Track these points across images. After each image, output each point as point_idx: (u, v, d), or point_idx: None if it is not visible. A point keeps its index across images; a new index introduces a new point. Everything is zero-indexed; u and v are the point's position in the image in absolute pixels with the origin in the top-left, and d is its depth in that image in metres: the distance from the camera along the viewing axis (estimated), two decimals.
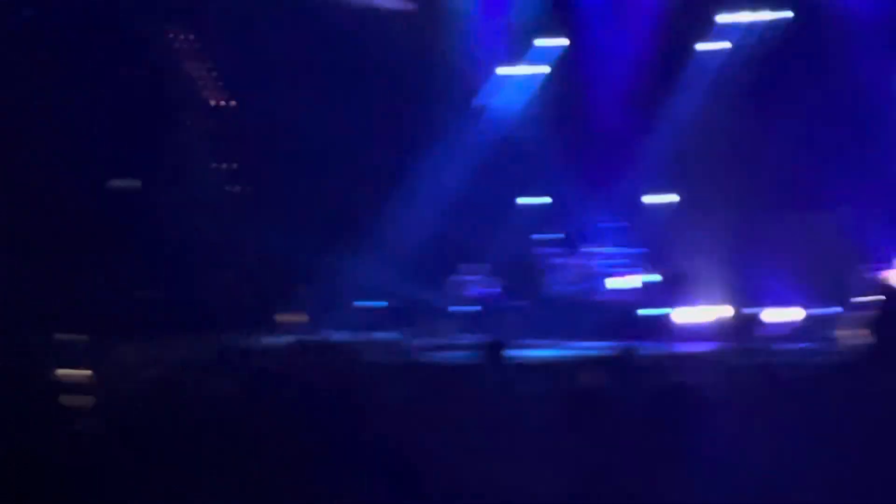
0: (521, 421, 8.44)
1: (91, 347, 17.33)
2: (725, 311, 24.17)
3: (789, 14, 25.16)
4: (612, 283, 24.47)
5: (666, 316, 23.16)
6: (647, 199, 26.62)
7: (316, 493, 5.80)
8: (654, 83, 25.73)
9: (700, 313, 23.47)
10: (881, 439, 4.45)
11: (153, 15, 24.09)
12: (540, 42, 27.08)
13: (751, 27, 25.61)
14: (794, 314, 23.16)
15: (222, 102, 25.81)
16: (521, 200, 27.30)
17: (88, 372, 13.50)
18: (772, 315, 23.46)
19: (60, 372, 13.56)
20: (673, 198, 26.42)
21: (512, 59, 27.34)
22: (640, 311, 23.98)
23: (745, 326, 22.90)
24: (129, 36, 23.83)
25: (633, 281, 24.86)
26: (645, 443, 4.00)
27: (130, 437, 8.64)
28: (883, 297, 4.71)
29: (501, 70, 27.32)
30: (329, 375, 12.31)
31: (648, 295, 24.45)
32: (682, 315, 23.05)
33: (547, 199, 26.61)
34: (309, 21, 24.00)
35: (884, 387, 4.58)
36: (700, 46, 25.98)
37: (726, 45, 25.53)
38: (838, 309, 22.62)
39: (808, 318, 23.12)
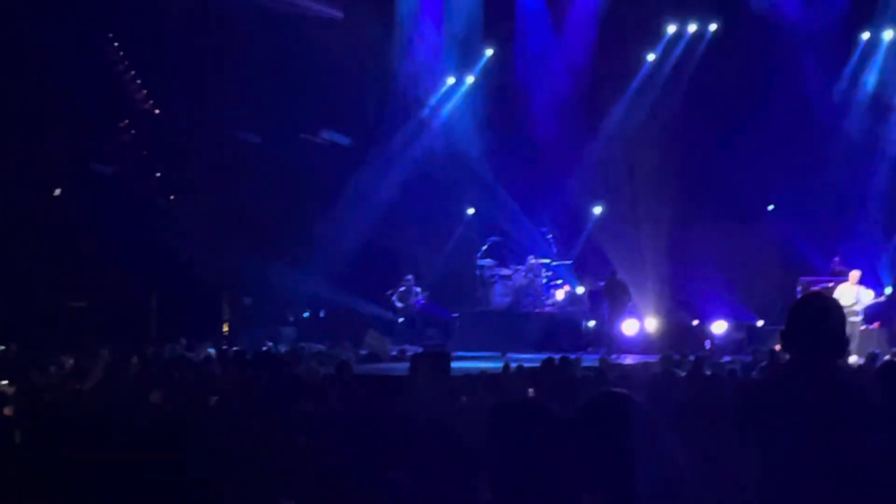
0: (456, 432, 8.32)
1: (18, 357, 17.01)
2: (664, 322, 24.24)
3: (720, 25, 25.32)
4: (551, 294, 24.46)
5: (604, 327, 23.18)
6: (585, 209, 26.61)
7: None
8: (591, 93, 25.78)
9: (638, 324, 23.52)
10: (805, 450, 4.43)
11: (79, 23, 23.74)
12: (474, 51, 27.05)
13: (688, 38, 25.77)
14: (730, 326, 23.27)
15: (152, 111, 25.51)
16: (458, 211, 27.21)
17: (12, 381, 13.26)
18: (710, 326, 23.56)
19: None
20: (606, 209, 26.49)
21: (448, 69, 27.29)
22: (579, 322, 24.01)
23: (683, 337, 22.98)
24: (54, 44, 23.52)
25: (572, 292, 24.87)
26: (580, 454, 3.88)
27: (55, 447, 8.44)
28: (802, 310, 4.67)
29: (439, 79, 27.28)
30: (260, 386, 12.15)
31: (587, 306, 24.49)
32: (621, 326, 23.09)
33: (484, 211, 26.52)
34: (243, 29, 23.76)
35: (804, 400, 4.55)
36: (640, 56, 26.05)
37: (665, 55, 25.59)
38: (765, 321, 22.90)
39: (745, 329, 23.26)
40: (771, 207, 25.63)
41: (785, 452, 4.47)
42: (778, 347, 19.29)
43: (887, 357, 15.99)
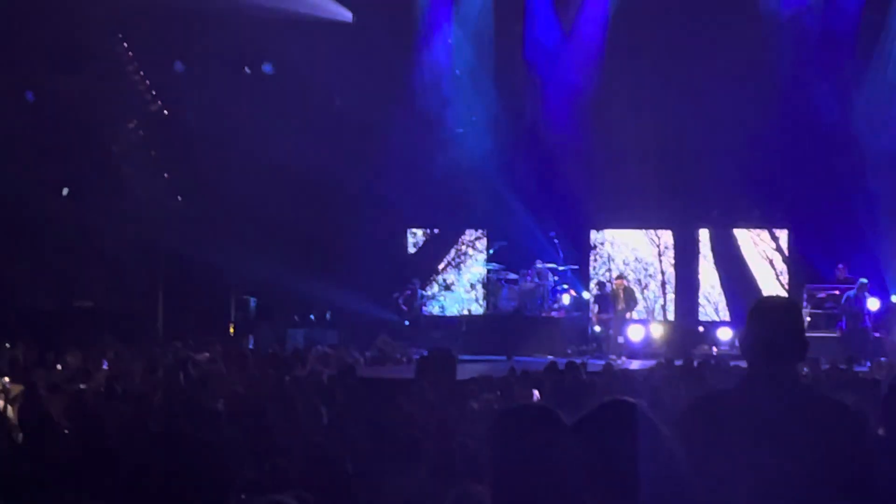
0: (463, 434, 8.30)
1: (25, 356, 17.02)
2: (669, 328, 24.23)
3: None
4: (557, 298, 24.43)
5: (610, 332, 23.16)
6: (593, 213, 26.58)
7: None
8: (600, 97, 25.78)
9: (644, 330, 23.50)
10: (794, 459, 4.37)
11: (93, 25, 23.77)
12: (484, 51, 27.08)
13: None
14: (736, 332, 23.25)
15: (161, 111, 25.51)
16: (466, 214, 27.20)
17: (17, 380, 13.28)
18: (716, 332, 23.55)
19: None
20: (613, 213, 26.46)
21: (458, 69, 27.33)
22: (585, 327, 23.99)
23: (688, 342, 22.97)
24: (66, 46, 23.52)
25: (579, 297, 24.85)
26: (586, 461, 3.86)
27: (60, 447, 8.44)
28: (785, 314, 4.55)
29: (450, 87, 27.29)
30: (267, 385, 12.16)
31: (593, 311, 24.45)
32: (627, 331, 23.07)
33: (494, 216, 26.49)
34: (255, 34, 23.78)
35: (760, 406, 4.49)
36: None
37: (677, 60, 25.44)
38: None
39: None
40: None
41: (743, 462, 4.38)
42: None
43: (827, 366, 15.84)
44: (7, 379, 13.79)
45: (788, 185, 24.59)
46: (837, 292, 22.30)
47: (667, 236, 26.17)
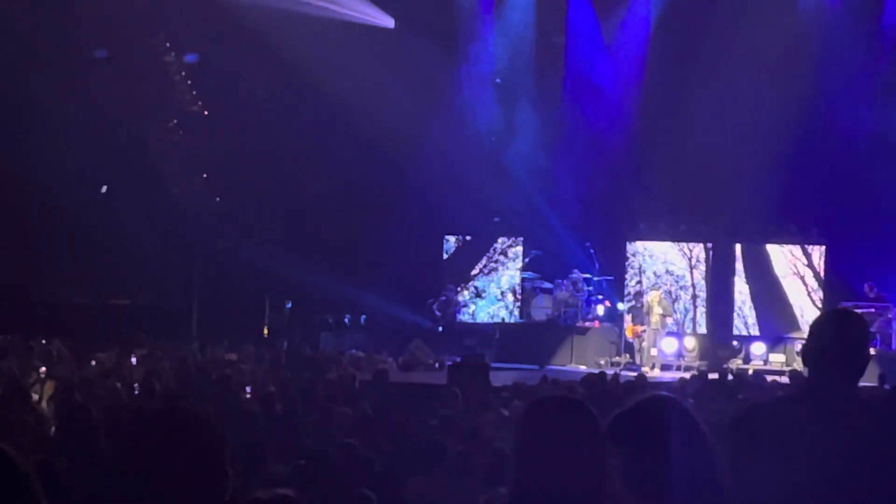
0: (492, 439, 8.29)
1: (60, 351, 17.13)
2: (702, 341, 24.11)
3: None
4: (592, 308, 24.36)
5: (644, 343, 23.08)
6: (629, 225, 26.50)
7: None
8: (637, 109, 25.76)
9: (677, 343, 23.42)
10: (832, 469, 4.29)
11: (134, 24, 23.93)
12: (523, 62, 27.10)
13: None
14: (768, 346, 23.17)
15: (201, 112, 25.62)
16: (500, 222, 27.19)
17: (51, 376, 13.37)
18: (750, 347, 23.43)
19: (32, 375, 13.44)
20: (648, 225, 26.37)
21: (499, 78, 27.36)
22: (618, 338, 23.90)
23: (722, 356, 22.87)
24: (106, 47, 23.71)
25: (613, 307, 24.77)
26: (624, 451, 3.81)
27: (92, 441, 8.48)
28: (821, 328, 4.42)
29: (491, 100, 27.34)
30: (299, 387, 12.18)
31: (627, 322, 24.36)
32: (661, 343, 22.99)
33: (531, 224, 26.45)
34: (290, 34, 23.83)
35: (819, 421, 4.40)
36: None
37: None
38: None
39: (784, 351, 23.11)
40: None
41: (794, 476, 4.30)
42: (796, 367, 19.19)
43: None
44: (44, 368, 13.92)
45: (827, 201, 24.42)
46: (873, 310, 22.11)
47: (698, 249, 26.04)
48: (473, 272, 27.51)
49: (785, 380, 17.39)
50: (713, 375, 17.21)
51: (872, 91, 24.22)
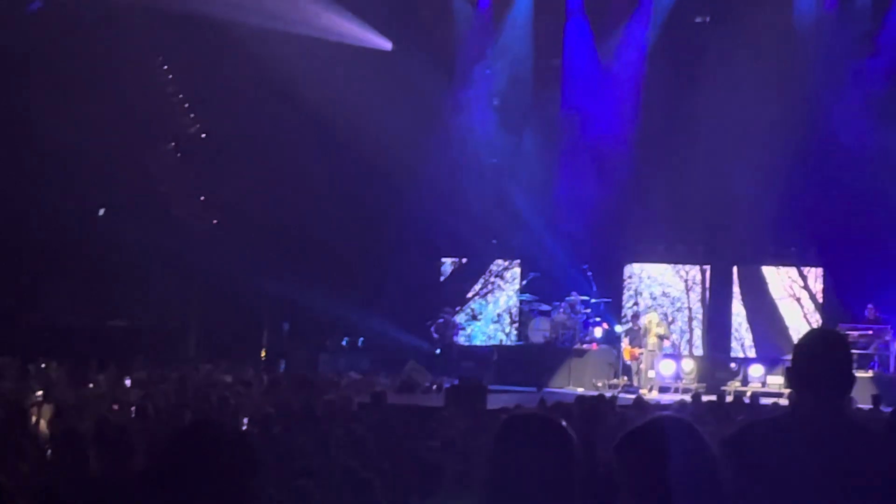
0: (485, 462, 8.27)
1: (57, 374, 17.11)
2: (700, 363, 24.09)
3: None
4: (589, 331, 24.36)
5: (641, 366, 23.07)
6: (627, 248, 26.53)
7: None
8: (635, 132, 25.82)
9: (675, 365, 23.40)
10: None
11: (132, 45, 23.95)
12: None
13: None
14: (766, 368, 23.16)
15: (199, 134, 25.65)
16: (498, 245, 27.21)
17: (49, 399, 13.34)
18: (748, 369, 23.41)
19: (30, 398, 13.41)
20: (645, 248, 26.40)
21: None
22: (616, 361, 23.88)
23: (719, 378, 22.85)
24: (107, 65, 23.71)
25: (611, 330, 24.76)
26: (633, 471, 3.83)
27: (87, 464, 8.45)
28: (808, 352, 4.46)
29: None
30: (297, 409, 12.15)
31: (623, 344, 24.35)
32: (658, 366, 22.99)
33: (528, 247, 26.46)
34: (288, 57, 23.87)
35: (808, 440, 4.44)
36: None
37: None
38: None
39: (783, 373, 23.07)
40: None
41: (787, 493, 4.34)
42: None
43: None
44: (41, 392, 13.88)
45: (824, 224, 24.44)
46: (871, 332, 22.11)
47: (694, 271, 26.08)
48: (469, 294, 27.53)
49: (784, 402, 17.36)
50: (711, 398, 17.21)
51: (870, 114, 24.27)
